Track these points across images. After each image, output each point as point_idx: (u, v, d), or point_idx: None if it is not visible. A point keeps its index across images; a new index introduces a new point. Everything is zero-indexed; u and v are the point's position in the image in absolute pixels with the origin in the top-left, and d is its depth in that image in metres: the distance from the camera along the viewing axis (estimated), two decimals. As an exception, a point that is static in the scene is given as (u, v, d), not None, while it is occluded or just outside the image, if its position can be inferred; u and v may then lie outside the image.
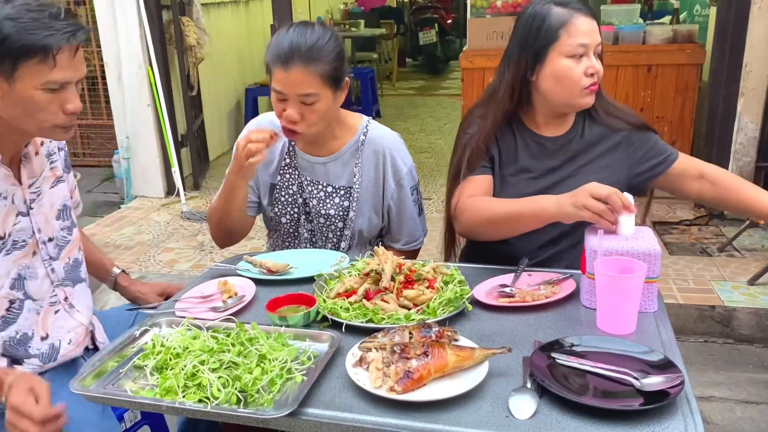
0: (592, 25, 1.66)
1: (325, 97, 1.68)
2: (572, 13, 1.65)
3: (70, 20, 1.33)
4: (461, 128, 1.85)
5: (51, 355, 1.54)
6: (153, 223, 4.55)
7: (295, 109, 1.66)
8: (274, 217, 1.93)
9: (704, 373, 2.77)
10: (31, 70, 1.30)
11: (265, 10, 6.88)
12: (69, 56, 1.33)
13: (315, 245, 1.94)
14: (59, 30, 1.30)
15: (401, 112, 8.22)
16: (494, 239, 1.75)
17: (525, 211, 1.60)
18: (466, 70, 4.52)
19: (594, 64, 1.66)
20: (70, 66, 1.34)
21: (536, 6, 1.69)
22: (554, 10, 1.66)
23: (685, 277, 3.42)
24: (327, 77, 1.66)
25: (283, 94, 1.66)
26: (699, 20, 4.98)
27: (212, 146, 5.88)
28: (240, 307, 1.51)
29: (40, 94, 1.33)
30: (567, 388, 1.14)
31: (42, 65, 1.30)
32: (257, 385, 1.16)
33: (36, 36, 1.28)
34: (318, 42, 1.64)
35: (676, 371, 1.17)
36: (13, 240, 1.47)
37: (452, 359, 1.18)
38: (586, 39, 1.64)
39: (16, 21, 1.28)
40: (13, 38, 1.27)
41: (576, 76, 1.65)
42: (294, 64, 1.62)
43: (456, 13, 11.95)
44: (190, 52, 4.99)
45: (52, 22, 1.31)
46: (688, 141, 4.40)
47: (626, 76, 4.33)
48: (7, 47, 1.28)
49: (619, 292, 1.33)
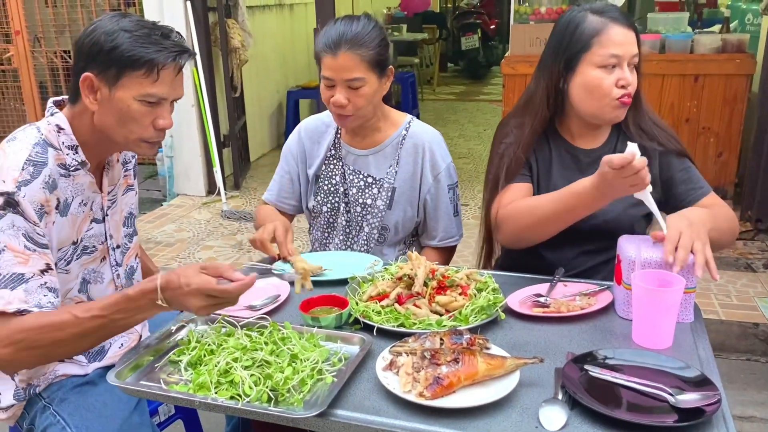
0: (628, 36, 1.61)
1: (370, 82, 1.76)
2: (607, 22, 1.61)
3: (179, 42, 1.41)
4: (496, 138, 1.83)
5: (97, 356, 1.58)
6: (193, 221, 4.64)
7: (342, 94, 1.75)
8: (316, 206, 1.99)
9: (745, 392, 2.69)
10: (134, 81, 1.36)
11: (309, 14, 6.96)
12: (171, 74, 1.40)
13: (349, 235, 1.98)
14: (167, 48, 1.37)
15: (441, 116, 8.20)
16: (543, 238, 1.68)
17: (565, 196, 1.55)
18: (507, 76, 4.49)
19: (626, 75, 1.60)
20: (170, 84, 1.40)
21: (573, 12, 1.67)
22: (590, 17, 1.63)
23: (727, 293, 3.32)
24: (372, 62, 1.75)
25: (332, 80, 1.75)
26: (750, 29, 4.85)
27: (253, 147, 5.96)
28: (274, 307, 1.53)
29: (137, 104, 1.38)
30: (599, 401, 1.12)
31: (145, 78, 1.36)
32: (288, 384, 1.17)
33: (146, 50, 1.35)
34: (363, 30, 1.75)
35: (712, 389, 1.14)
36: (84, 245, 1.51)
37: (483, 367, 1.17)
38: (619, 50, 1.60)
39: (131, 33, 1.35)
40: (124, 48, 1.34)
41: (606, 87, 1.61)
42: (341, 49, 1.72)
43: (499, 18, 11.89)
44: (234, 54, 5.07)
45: (162, 40, 1.37)
46: (735, 153, 4.28)
47: (672, 85, 4.24)
48: (117, 55, 1.34)
49: (656, 306, 1.30)
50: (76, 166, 1.44)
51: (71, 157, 1.43)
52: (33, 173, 1.35)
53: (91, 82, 1.37)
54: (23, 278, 1.32)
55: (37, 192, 1.35)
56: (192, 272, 1.26)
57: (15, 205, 1.31)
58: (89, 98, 1.38)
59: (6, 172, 1.33)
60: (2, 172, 1.33)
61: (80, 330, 1.30)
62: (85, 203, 1.48)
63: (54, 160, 1.40)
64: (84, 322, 1.29)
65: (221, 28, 4.92)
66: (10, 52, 5.79)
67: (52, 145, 1.41)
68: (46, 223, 1.38)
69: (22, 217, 1.32)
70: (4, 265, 1.31)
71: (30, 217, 1.33)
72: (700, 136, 4.29)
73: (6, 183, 1.32)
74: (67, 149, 1.43)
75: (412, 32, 9.69)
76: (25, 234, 1.33)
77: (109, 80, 1.36)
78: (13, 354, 1.30)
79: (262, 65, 6.11)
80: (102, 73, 1.36)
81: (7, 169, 1.33)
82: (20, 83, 5.85)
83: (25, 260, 1.32)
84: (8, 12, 5.57)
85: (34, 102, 5.85)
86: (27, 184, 1.33)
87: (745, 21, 5.00)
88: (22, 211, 1.32)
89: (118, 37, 1.34)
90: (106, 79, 1.36)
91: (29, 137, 1.40)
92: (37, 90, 5.85)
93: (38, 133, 1.41)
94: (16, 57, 5.76)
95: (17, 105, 6.01)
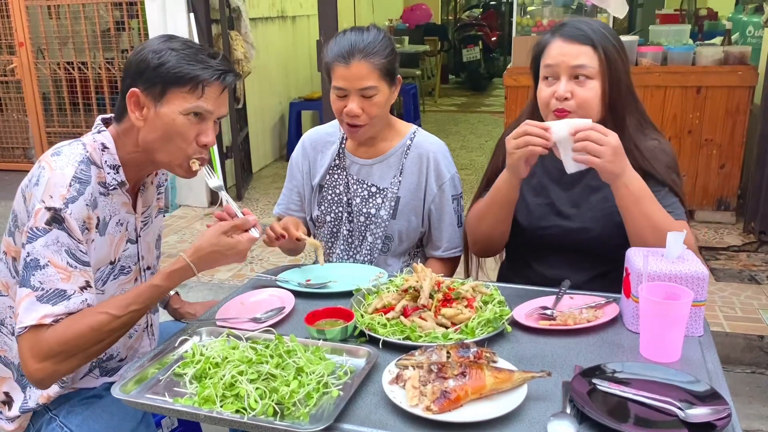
0: (569, 48, 1.61)
1: (382, 91, 1.78)
2: (553, 36, 1.66)
3: (225, 63, 1.42)
4: (493, 155, 1.89)
5: (111, 372, 1.58)
6: (196, 232, 4.63)
7: (356, 103, 1.76)
8: (319, 216, 1.99)
9: (751, 405, 2.67)
10: (179, 97, 1.38)
11: (312, 26, 7.00)
12: (216, 92, 1.41)
13: (351, 245, 1.97)
14: (213, 67, 1.39)
15: (442, 128, 8.21)
16: (493, 240, 1.81)
17: (494, 188, 1.70)
18: (509, 87, 4.50)
19: (561, 87, 1.61)
20: (215, 101, 1.41)
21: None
22: (546, 34, 1.70)
23: (732, 305, 3.31)
24: (384, 71, 1.77)
25: (345, 89, 1.76)
26: (752, 42, 4.86)
27: (256, 158, 5.97)
28: (279, 319, 1.52)
29: (182, 119, 1.39)
30: (608, 415, 1.11)
31: (190, 94, 1.38)
32: (294, 397, 1.16)
33: (192, 67, 1.37)
34: (374, 39, 1.77)
35: (722, 403, 1.13)
36: (121, 265, 1.52)
37: (490, 381, 1.16)
38: (552, 60, 1.63)
39: (178, 52, 1.37)
40: (170, 65, 1.36)
41: (543, 98, 1.65)
42: (354, 59, 1.73)
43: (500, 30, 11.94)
44: (237, 65, 5.09)
45: (208, 60, 1.39)
46: (738, 165, 4.29)
47: (674, 97, 4.25)
48: (163, 72, 1.36)
49: (664, 319, 1.29)
50: (114, 185, 1.44)
51: (111, 176, 1.44)
52: (79, 190, 1.35)
53: (137, 98, 1.38)
54: (65, 294, 1.32)
55: (82, 209, 1.35)
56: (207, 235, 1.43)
57: (61, 221, 1.32)
58: (135, 114, 1.39)
59: (54, 188, 1.33)
60: (50, 187, 1.33)
61: (119, 326, 1.37)
62: (121, 223, 1.49)
63: (96, 178, 1.41)
64: (122, 317, 1.37)
65: (224, 40, 4.94)
66: (13, 64, 5.81)
67: (95, 163, 1.42)
68: (87, 240, 1.38)
69: (66, 234, 1.33)
70: (47, 280, 1.31)
71: (75, 234, 1.34)
72: (702, 147, 4.30)
73: (54, 199, 1.32)
74: (108, 168, 1.43)
75: (414, 44, 9.73)
76: (68, 251, 1.33)
77: (155, 96, 1.37)
78: (52, 366, 1.31)
79: (264, 77, 6.13)
80: (148, 89, 1.37)
81: (54, 185, 1.33)
82: (23, 94, 5.87)
83: (67, 277, 1.33)
84: (12, 23, 5.59)
85: (37, 113, 5.87)
86: (74, 201, 1.34)
87: (746, 33, 5.02)
88: (68, 227, 1.33)
89: (165, 55, 1.36)
90: (152, 95, 1.37)
91: (75, 154, 1.40)
92: (40, 101, 5.86)
93: (83, 149, 1.41)
94: (20, 68, 5.78)
95: (20, 116, 6.03)
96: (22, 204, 1.39)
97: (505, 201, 1.70)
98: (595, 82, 1.61)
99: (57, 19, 5.63)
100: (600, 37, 1.62)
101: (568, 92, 1.61)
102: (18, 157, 6.12)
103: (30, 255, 1.31)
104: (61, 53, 5.68)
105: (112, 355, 1.55)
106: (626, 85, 1.66)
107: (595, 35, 1.62)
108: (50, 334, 1.29)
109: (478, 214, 1.80)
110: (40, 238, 1.31)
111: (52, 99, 5.84)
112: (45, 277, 1.31)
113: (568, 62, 1.61)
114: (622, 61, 1.64)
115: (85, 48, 5.57)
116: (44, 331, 1.30)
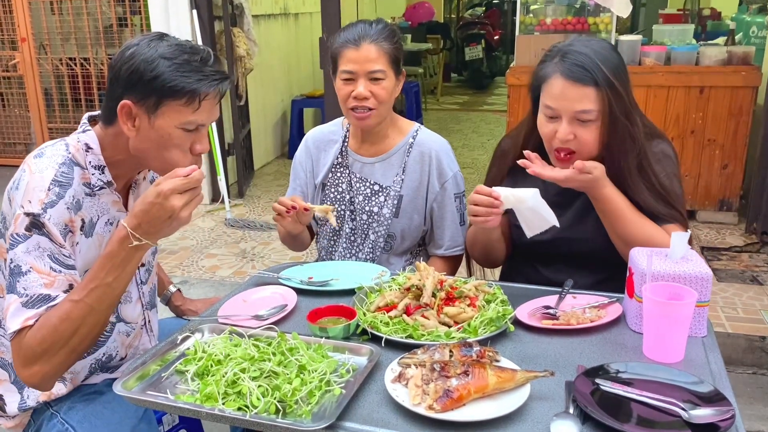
0: (571, 91, 1.53)
1: (390, 77, 1.81)
2: (555, 70, 1.57)
3: (217, 67, 1.38)
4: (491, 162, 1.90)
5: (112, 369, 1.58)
6: (197, 229, 4.63)
7: (364, 86, 1.78)
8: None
9: (752, 406, 2.66)
10: (174, 110, 1.33)
11: (314, 23, 6.98)
12: (212, 102, 1.37)
13: (354, 243, 1.97)
14: (209, 76, 1.34)
15: (444, 126, 8.20)
16: (486, 258, 1.86)
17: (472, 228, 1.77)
18: (512, 86, 4.50)
19: (562, 131, 1.55)
20: (210, 111, 1.38)
21: (556, 46, 1.63)
22: (549, 60, 1.60)
23: (734, 306, 3.31)
24: (392, 57, 1.80)
25: (354, 72, 1.78)
26: (755, 42, 4.85)
27: (258, 155, 5.96)
28: (281, 317, 1.52)
29: (178, 132, 1.35)
30: (611, 415, 1.11)
31: (186, 107, 1.33)
32: (296, 395, 1.16)
33: (188, 79, 1.32)
34: (383, 28, 1.82)
35: (726, 404, 1.12)
36: None
37: (493, 380, 1.16)
38: (555, 103, 1.56)
39: (171, 61, 1.31)
40: (165, 77, 1.31)
41: (545, 133, 1.61)
42: (365, 42, 1.78)
43: (503, 29, 11.92)
44: (239, 62, 5.09)
45: (203, 67, 1.34)
46: (740, 165, 4.28)
47: (677, 97, 4.24)
48: (158, 85, 1.31)
49: (667, 319, 1.29)
50: (101, 185, 1.42)
51: (97, 177, 1.41)
52: (58, 194, 1.33)
53: (129, 109, 1.34)
54: (50, 299, 1.30)
55: (62, 213, 1.33)
56: (148, 194, 1.27)
57: (41, 226, 1.30)
58: (127, 125, 1.35)
59: (32, 193, 1.31)
60: (28, 192, 1.31)
61: (86, 309, 1.29)
62: (111, 222, 1.46)
63: (79, 179, 1.38)
64: (84, 299, 1.29)
65: (227, 37, 4.94)
66: (16, 59, 5.81)
67: (79, 164, 1.39)
68: (71, 243, 1.36)
69: (47, 239, 1.31)
70: (30, 286, 1.29)
71: (56, 238, 1.32)
72: (705, 147, 4.29)
73: (32, 204, 1.30)
74: (93, 169, 1.41)
75: (416, 42, 9.70)
76: (50, 255, 1.31)
77: (148, 108, 1.33)
78: (41, 369, 1.29)
79: (267, 74, 6.13)
80: (141, 101, 1.33)
81: (33, 190, 1.32)
82: (25, 90, 5.87)
83: (50, 282, 1.31)
84: (15, 19, 5.59)
85: (39, 109, 5.87)
86: (53, 206, 1.32)
87: (749, 33, 5.01)
88: (48, 232, 1.31)
89: (158, 66, 1.30)
90: (145, 106, 1.33)
91: (56, 155, 1.38)
92: (42, 97, 5.87)
93: (66, 151, 1.39)
94: (22, 64, 5.78)
95: (22, 112, 6.03)
96: (9, 206, 1.37)
97: (487, 241, 1.76)
98: (597, 122, 1.57)
99: (59, 14, 5.63)
100: (602, 75, 1.53)
101: (570, 134, 1.57)
102: (20, 153, 6.13)
103: (13, 261, 1.30)
104: (64, 49, 5.68)
105: (112, 356, 1.54)
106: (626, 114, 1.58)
107: (597, 73, 1.53)
108: (30, 338, 1.28)
109: (471, 238, 1.83)
110: (20, 244, 1.29)
111: (54, 95, 5.84)
112: (28, 283, 1.29)
113: (571, 107, 1.55)
114: (623, 85, 1.56)
115: (87, 44, 5.57)
116: (25, 335, 1.28)
